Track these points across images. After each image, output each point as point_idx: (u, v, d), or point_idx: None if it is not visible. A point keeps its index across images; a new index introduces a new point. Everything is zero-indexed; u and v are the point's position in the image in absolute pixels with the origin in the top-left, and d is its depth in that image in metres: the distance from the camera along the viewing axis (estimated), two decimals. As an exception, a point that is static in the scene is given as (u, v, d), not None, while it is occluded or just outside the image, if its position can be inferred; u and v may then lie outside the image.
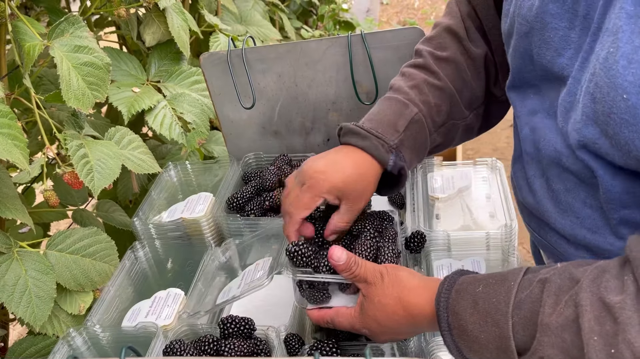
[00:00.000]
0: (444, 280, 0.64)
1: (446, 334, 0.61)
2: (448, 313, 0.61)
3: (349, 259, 0.70)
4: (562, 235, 0.75)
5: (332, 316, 0.75)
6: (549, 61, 0.66)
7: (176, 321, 0.91)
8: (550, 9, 0.63)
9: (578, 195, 0.69)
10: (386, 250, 0.78)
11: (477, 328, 0.58)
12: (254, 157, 1.22)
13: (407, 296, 0.66)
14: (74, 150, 0.93)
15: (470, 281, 0.62)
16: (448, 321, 0.61)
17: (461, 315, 0.60)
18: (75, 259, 0.95)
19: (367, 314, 0.69)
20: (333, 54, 1.10)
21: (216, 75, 1.16)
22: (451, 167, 1.16)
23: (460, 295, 0.61)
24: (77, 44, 0.94)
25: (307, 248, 0.76)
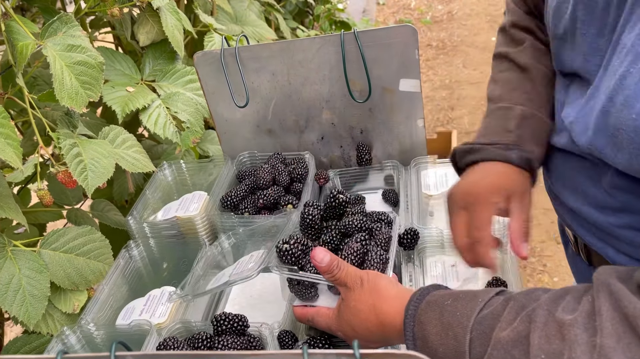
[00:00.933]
0: (417, 291, 0.64)
1: (410, 343, 0.61)
2: (414, 322, 0.61)
3: (332, 261, 0.70)
4: (574, 211, 0.76)
5: (312, 315, 0.76)
6: (578, 66, 0.68)
7: (170, 319, 0.91)
8: (580, 15, 0.65)
9: (589, 176, 0.70)
10: (373, 255, 0.78)
11: (438, 339, 0.58)
12: (248, 156, 1.22)
13: (381, 304, 0.66)
14: (67, 149, 0.93)
15: (441, 295, 0.62)
16: (413, 331, 0.61)
17: (425, 325, 0.60)
18: (70, 258, 0.96)
19: (342, 318, 0.70)
20: (326, 53, 1.10)
21: (210, 74, 1.16)
22: (445, 165, 1.16)
23: (429, 306, 0.61)
24: (70, 43, 0.95)
25: (296, 247, 0.77)
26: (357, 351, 0.45)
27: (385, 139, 1.20)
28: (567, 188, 0.77)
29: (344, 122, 1.19)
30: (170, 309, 0.93)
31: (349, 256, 0.77)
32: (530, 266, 2.25)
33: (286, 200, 1.06)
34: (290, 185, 1.12)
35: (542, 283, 2.16)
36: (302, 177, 1.11)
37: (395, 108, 1.15)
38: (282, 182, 1.10)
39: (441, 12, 4.78)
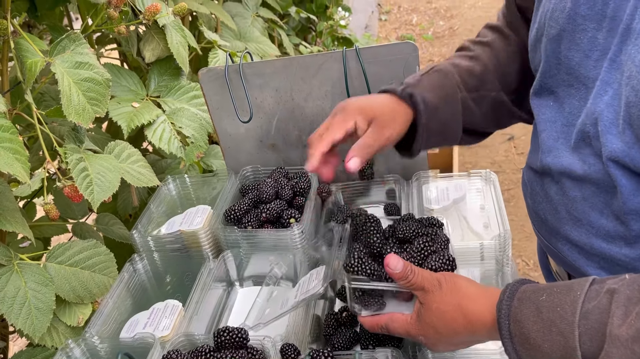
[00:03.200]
0: (505, 288, 0.64)
1: (507, 341, 0.61)
2: (509, 320, 0.61)
3: (405, 267, 0.70)
4: (575, 244, 0.75)
5: (386, 322, 0.74)
6: (577, 63, 0.68)
7: (174, 332, 0.92)
8: (581, 11, 0.66)
9: (595, 204, 0.70)
10: (440, 256, 0.77)
11: (541, 336, 0.58)
12: (251, 170, 1.23)
13: (466, 304, 0.66)
14: (74, 163, 0.94)
15: (533, 290, 0.62)
16: (509, 329, 0.61)
17: (523, 323, 0.60)
18: (75, 271, 0.97)
19: (424, 322, 0.69)
20: (328, 69, 1.12)
21: (214, 90, 1.18)
22: (446, 179, 1.17)
23: (522, 303, 0.61)
24: (78, 60, 0.97)
25: (362, 257, 0.77)
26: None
27: (387, 153, 1.21)
28: (568, 221, 0.75)
29: (346, 137, 1.20)
30: (173, 322, 0.94)
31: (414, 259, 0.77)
32: (533, 280, 2.25)
33: (289, 214, 1.08)
34: (293, 199, 1.13)
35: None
36: (304, 191, 1.13)
37: (397, 123, 1.16)
38: (285, 196, 1.11)
39: (443, 28, 4.83)
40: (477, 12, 4.93)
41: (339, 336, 0.92)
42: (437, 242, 0.82)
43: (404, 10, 5.39)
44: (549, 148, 0.76)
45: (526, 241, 2.48)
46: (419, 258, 0.78)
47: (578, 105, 0.70)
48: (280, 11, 2.41)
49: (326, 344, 0.94)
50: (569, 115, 0.72)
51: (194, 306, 0.95)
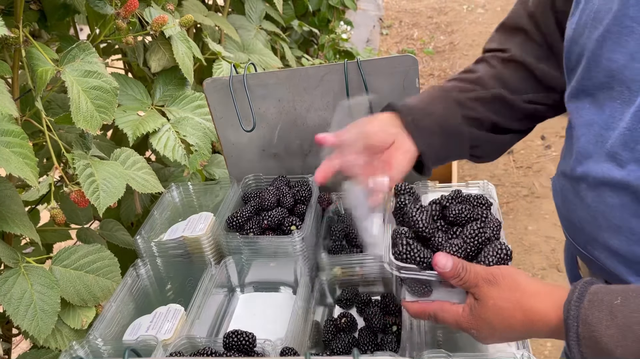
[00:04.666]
0: (574, 288, 0.62)
1: (574, 344, 0.60)
2: (578, 322, 0.59)
3: (456, 266, 0.68)
4: (614, 251, 0.73)
5: (435, 311, 0.73)
6: (621, 65, 0.67)
7: (176, 336, 0.93)
8: (630, 12, 0.65)
9: (636, 211, 0.68)
10: (495, 248, 0.72)
11: (614, 341, 0.56)
12: (253, 178, 1.26)
13: (527, 301, 0.64)
14: (81, 169, 0.97)
15: (605, 292, 0.60)
16: (577, 332, 0.59)
17: (595, 327, 0.58)
18: (79, 275, 0.99)
19: (478, 316, 0.68)
20: (330, 80, 1.15)
21: (218, 100, 1.21)
22: (444, 189, 1.19)
23: (594, 305, 0.59)
24: (87, 69, 0.99)
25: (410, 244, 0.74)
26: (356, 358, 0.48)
27: (386, 164, 1.24)
28: (607, 229, 0.73)
29: (346, 147, 1.23)
30: (175, 326, 0.96)
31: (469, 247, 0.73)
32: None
33: (290, 221, 1.10)
34: (294, 206, 1.15)
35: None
36: (305, 199, 1.15)
37: (397, 134, 1.19)
38: (286, 204, 1.13)
39: (443, 43, 4.88)
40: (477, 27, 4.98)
41: (337, 341, 0.93)
42: (489, 227, 0.78)
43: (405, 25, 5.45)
44: (587, 153, 0.75)
45: (525, 254, 2.50)
46: (473, 245, 0.74)
47: (620, 108, 0.68)
48: (283, 24, 2.45)
49: (325, 349, 0.96)
50: (609, 118, 0.70)
51: (196, 310, 0.97)
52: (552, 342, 2.04)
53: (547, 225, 2.61)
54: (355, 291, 1.04)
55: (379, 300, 1.03)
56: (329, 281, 1.06)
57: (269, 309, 1.06)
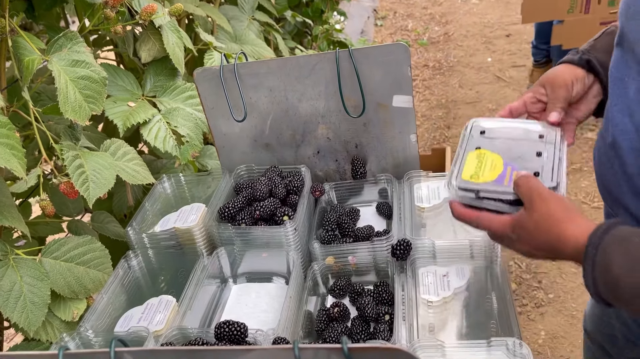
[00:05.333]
0: (605, 223, 0.67)
1: (588, 268, 0.65)
2: (597, 250, 0.64)
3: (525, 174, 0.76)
4: (634, 216, 0.78)
5: (478, 217, 0.78)
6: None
7: (167, 327, 0.93)
8: None
9: None
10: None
11: (622, 272, 0.62)
12: (245, 169, 1.25)
13: (565, 224, 0.70)
14: (70, 160, 0.96)
15: (629, 231, 0.65)
16: (594, 259, 0.65)
17: (610, 256, 0.63)
18: (70, 267, 0.98)
19: (522, 225, 0.73)
20: (322, 69, 1.14)
21: (209, 90, 1.20)
22: (437, 179, 1.19)
23: (615, 239, 0.64)
24: (75, 59, 0.98)
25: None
26: (345, 346, 0.48)
27: (379, 153, 1.23)
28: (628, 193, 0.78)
29: (339, 137, 1.22)
30: (167, 317, 0.95)
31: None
32: (525, 282, 2.27)
33: (282, 212, 1.09)
34: (287, 197, 1.14)
35: (536, 299, 2.17)
36: (298, 189, 1.14)
37: (389, 123, 1.18)
38: (279, 194, 1.13)
39: (438, 34, 4.86)
40: (472, 17, 4.96)
41: (330, 331, 0.93)
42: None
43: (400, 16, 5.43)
44: (616, 122, 0.79)
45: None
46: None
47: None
48: (276, 15, 2.43)
49: (318, 339, 0.95)
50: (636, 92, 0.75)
51: (188, 301, 0.97)
52: (545, 331, 2.05)
53: (541, 215, 2.63)
54: (348, 281, 1.04)
55: (371, 290, 1.02)
56: (322, 271, 1.05)
57: (262, 299, 1.05)
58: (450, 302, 0.94)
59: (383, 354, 0.47)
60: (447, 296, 0.94)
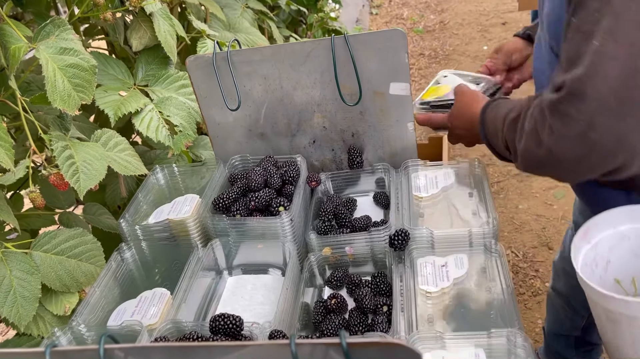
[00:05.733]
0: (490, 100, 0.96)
1: (481, 127, 0.93)
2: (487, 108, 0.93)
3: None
4: None
5: (430, 117, 1.11)
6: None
7: (162, 320, 0.91)
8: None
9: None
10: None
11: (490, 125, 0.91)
12: (240, 159, 1.23)
13: (473, 104, 0.99)
14: (59, 151, 0.93)
15: (504, 101, 0.92)
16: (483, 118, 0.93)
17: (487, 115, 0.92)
18: (61, 260, 0.96)
19: (451, 114, 1.04)
20: (317, 57, 1.12)
21: (202, 78, 1.17)
22: (435, 167, 1.17)
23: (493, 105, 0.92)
24: (63, 46, 0.95)
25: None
26: (343, 341, 0.46)
27: (376, 142, 1.21)
28: None
29: (335, 126, 1.20)
30: (161, 310, 0.93)
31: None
32: (522, 271, 2.26)
33: (278, 202, 1.07)
34: (282, 187, 1.12)
35: (534, 288, 2.17)
36: (293, 179, 1.12)
37: (386, 111, 1.16)
38: (274, 185, 1.11)
39: (433, 22, 4.83)
40: (467, 5, 4.93)
41: (327, 323, 0.91)
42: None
43: (395, 4, 5.38)
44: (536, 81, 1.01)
45: (515, 233, 2.49)
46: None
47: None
48: (271, 3, 2.39)
49: (315, 331, 0.94)
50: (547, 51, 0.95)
51: (182, 294, 0.95)
52: (542, 319, 2.05)
53: (537, 203, 2.61)
54: (345, 272, 1.02)
55: (369, 281, 1.01)
56: (319, 262, 1.04)
57: (258, 291, 1.04)
58: (450, 293, 0.93)
59: (383, 349, 0.45)
60: (446, 286, 0.93)
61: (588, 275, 0.81)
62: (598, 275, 0.86)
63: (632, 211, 0.84)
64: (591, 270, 0.86)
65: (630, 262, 0.86)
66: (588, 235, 0.85)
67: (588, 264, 0.85)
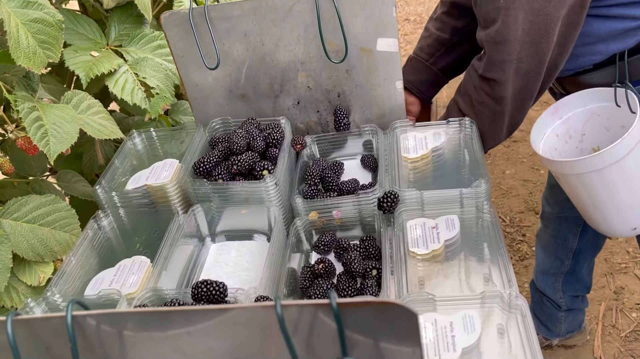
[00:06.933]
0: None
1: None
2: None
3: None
4: None
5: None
6: None
7: (142, 289, 0.87)
8: None
9: None
10: None
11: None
12: (221, 122, 1.17)
13: None
14: (25, 112, 0.87)
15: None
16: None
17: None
18: (33, 228, 0.91)
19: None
20: (300, 11, 1.06)
21: (179, 36, 1.10)
22: (425, 128, 1.13)
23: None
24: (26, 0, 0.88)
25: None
26: (333, 301, 0.42)
27: (363, 102, 1.16)
28: None
29: (320, 85, 1.15)
30: (141, 279, 0.89)
31: None
32: (510, 236, 2.26)
33: (261, 166, 1.02)
34: (266, 150, 1.07)
35: (520, 252, 2.17)
36: (277, 142, 1.07)
37: (373, 69, 1.11)
38: (257, 148, 1.06)
39: (419, -14, 4.73)
40: (453, -30, 4.84)
41: (315, 288, 0.88)
42: None
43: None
44: None
45: (503, 198, 2.48)
46: None
47: None
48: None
49: (302, 297, 0.91)
50: None
51: (163, 262, 0.91)
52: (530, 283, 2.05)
53: (524, 168, 2.59)
54: (332, 236, 0.99)
55: (357, 244, 0.97)
56: (305, 227, 1.00)
57: (243, 258, 1.00)
58: (441, 255, 0.90)
59: (376, 309, 0.41)
60: (437, 248, 0.90)
61: (561, 146, 1.03)
62: (573, 145, 1.04)
63: (598, 92, 0.99)
64: (564, 141, 1.03)
65: (603, 134, 1.02)
66: (559, 112, 1.02)
67: (560, 135, 1.03)
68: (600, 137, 1.02)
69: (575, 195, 0.98)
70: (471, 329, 0.73)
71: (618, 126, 0.99)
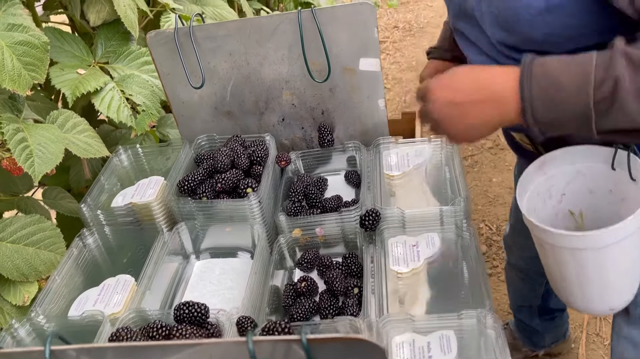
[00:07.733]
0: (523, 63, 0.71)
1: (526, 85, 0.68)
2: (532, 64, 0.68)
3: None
4: None
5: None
6: None
7: (125, 309, 0.88)
8: None
9: None
10: None
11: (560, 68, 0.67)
12: (206, 139, 1.19)
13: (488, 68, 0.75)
14: (10, 134, 0.88)
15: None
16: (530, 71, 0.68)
17: (547, 64, 0.68)
18: (17, 248, 0.92)
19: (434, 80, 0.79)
20: (284, 31, 1.07)
21: (164, 55, 1.12)
22: (407, 145, 1.15)
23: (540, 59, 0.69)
24: (11, 22, 0.89)
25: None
26: (304, 337, 0.44)
27: (346, 120, 1.18)
28: None
29: (304, 103, 1.16)
30: (125, 298, 0.90)
31: None
32: (496, 244, 2.28)
33: (245, 184, 1.04)
34: (250, 168, 1.09)
35: (507, 261, 2.19)
36: (262, 159, 1.09)
37: (356, 88, 1.13)
38: (242, 165, 1.07)
39: (408, -6, 4.76)
40: (442, -23, 4.88)
41: (298, 306, 0.90)
42: None
43: (370, -25, 5.31)
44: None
45: (489, 206, 2.51)
46: None
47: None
48: (239, -26, 2.31)
49: (285, 315, 0.92)
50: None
51: (147, 280, 0.92)
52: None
53: (511, 176, 2.62)
54: (316, 254, 1.00)
55: (340, 262, 0.99)
56: (289, 244, 1.01)
57: (227, 275, 1.01)
58: (421, 273, 0.92)
59: (345, 344, 0.43)
60: (417, 266, 0.92)
61: (540, 205, 0.88)
62: (551, 205, 0.91)
63: (590, 150, 0.86)
64: (543, 200, 0.90)
65: (584, 197, 0.90)
66: (544, 167, 0.88)
67: (541, 194, 0.89)
68: (581, 199, 0.90)
69: (559, 270, 0.83)
70: (447, 350, 0.75)
71: (604, 189, 0.87)
